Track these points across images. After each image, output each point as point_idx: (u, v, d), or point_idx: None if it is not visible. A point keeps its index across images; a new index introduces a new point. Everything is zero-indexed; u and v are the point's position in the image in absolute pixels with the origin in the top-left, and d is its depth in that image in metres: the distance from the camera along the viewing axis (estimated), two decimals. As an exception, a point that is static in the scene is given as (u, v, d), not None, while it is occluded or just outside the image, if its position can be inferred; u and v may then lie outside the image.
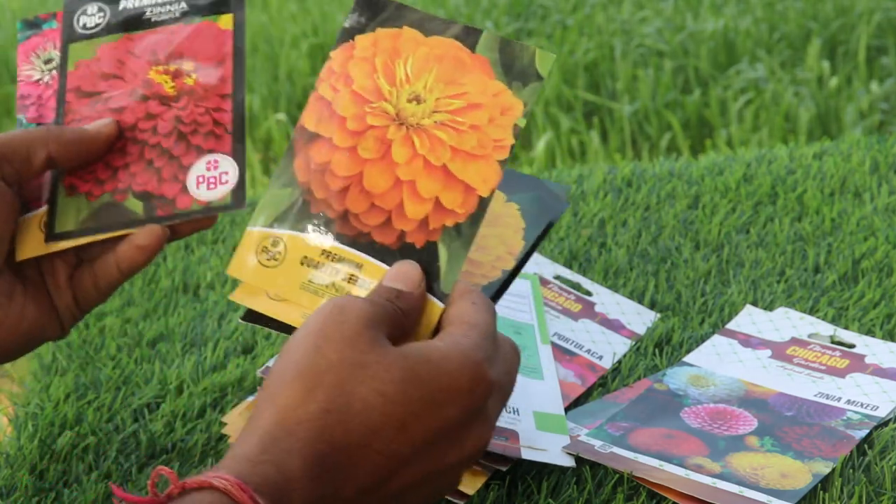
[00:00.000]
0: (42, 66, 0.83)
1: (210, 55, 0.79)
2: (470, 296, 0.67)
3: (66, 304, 0.76)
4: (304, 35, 3.34)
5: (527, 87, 0.71)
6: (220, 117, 0.78)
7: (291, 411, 0.59)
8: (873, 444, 0.77)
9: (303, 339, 0.62)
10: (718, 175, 1.17)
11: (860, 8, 3.05)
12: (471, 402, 0.62)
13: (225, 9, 0.81)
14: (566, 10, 3.30)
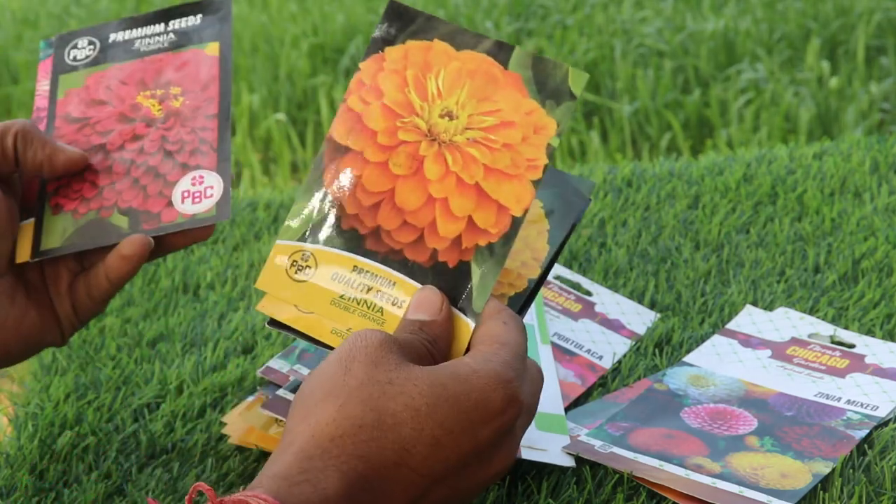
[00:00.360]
0: None
1: (197, 80, 0.81)
2: (501, 315, 0.67)
3: (65, 312, 0.76)
4: (304, 35, 3.34)
5: (560, 105, 0.69)
6: (207, 136, 0.79)
7: (324, 428, 0.60)
8: (873, 444, 0.77)
9: (330, 363, 0.62)
10: (718, 175, 1.17)
11: (860, 8, 3.05)
12: (503, 422, 0.63)
13: (211, 38, 0.83)
14: (566, 10, 3.30)
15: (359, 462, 0.59)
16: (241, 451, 0.80)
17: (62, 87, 0.84)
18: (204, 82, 0.81)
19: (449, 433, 0.61)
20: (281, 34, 3.35)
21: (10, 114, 3.29)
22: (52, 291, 0.77)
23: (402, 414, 0.60)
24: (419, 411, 0.60)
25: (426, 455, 0.60)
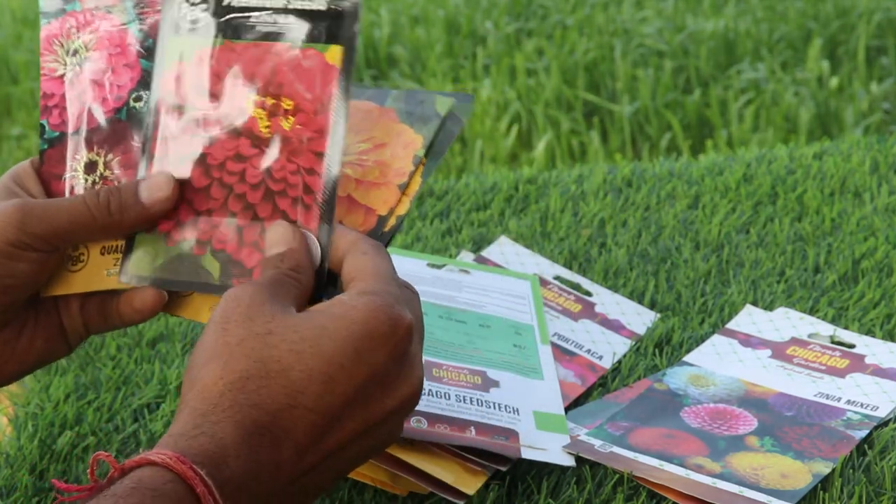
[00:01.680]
0: (66, 58, 0.75)
1: (311, 95, 0.71)
2: (359, 245, 0.68)
3: (75, 328, 0.74)
4: (305, 35, 3.34)
5: (427, 125, 0.75)
6: (312, 182, 0.70)
7: (212, 386, 0.60)
8: (873, 444, 0.77)
9: (208, 331, 0.63)
10: (718, 175, 1.17)
11: (860, 8, 3.05)
12: (395, 344, 0.63)
13: (334, 39, 0.72)
14: (566, 10, 3.30)
15: (252, 410, 0.60)
16: (241, 451, 0.80)
17: (170, 55, 0.73)
18: (318, 103, 0.71)
19: (340, 367, 0.61)
20: (281, 34, 3.35)
21: (10, 114, 3.29)
22: (63, 311, 0.74)
23: (288, 358, 0.61)
24: (303, 353, 0.61)
25: (320, 393, 0.61)
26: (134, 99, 0.74)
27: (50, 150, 0.75)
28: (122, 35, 0.75)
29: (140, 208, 0.71)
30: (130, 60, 0.74)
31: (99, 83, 0.75)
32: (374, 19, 3.39)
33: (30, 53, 3.42)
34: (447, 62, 3.11)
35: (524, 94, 2.93)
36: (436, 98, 0.76)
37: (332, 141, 0.71)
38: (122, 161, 0.74)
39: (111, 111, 0.74)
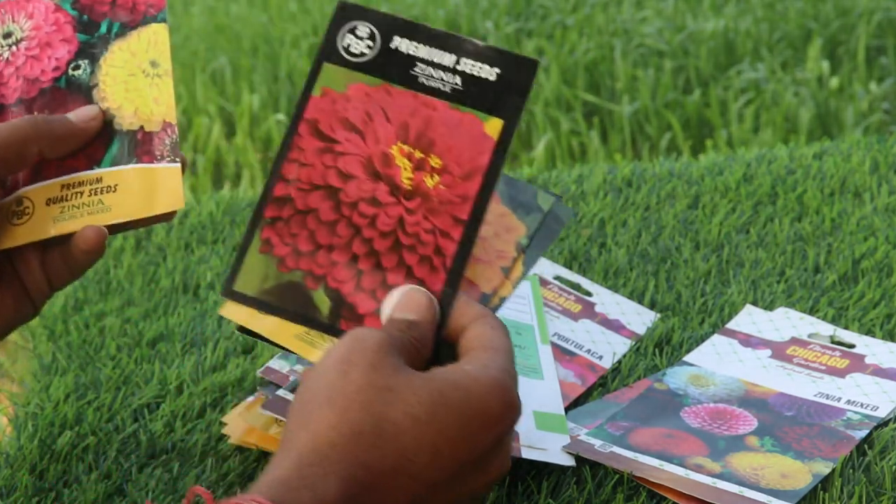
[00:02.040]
0: (1, 41, 0.82)
1: (462, 160, 0.70)
2: (487, 319, 0.66)
3: (37, 286, 0.76)
4: (304, 35, 3.34)
5: (529, 215, 0.75)
6: (445, 245, 0.69)
7: (324, 434, 0.59)
8: (873, 444, 0.77)
9: (328, 367, 0.62)
10: (718, 175, 1.17)
11: (860, 8, 3.05)
12: (502, 428, 0.62)
13: (497, 111, 0.70)
14: (566, 10, 3.30)
15: (359, 469, 0.59)
16: (241, 451, 0.80)
17: (322, 79, 0.71)
18: (468, 170, 0.69)
19: (449, 441, 0.61)
20: (281, 34, 3.35)
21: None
22: (22, 270, 0.76)
23: (403, 422, 0.60)
24: (419, 419, 0.60)
25: (426, 463, 0.60)
26: (73, 68, 0.80)
27: None
28: (57, 16, 0.81)
29: (69, 124, 0.76)
30: (67, 35, 0.80)
31: (37, 58, 0.80)
32: (374, 19, 3.39)
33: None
34: (447, 62, 3.10)
35: (524, 94, 2.93)
36: (538, 192, 0.76)
37: (475, 210, 0.69)
38: None
39: (50, 80, 0.80)
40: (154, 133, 0.77)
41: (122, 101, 0.78)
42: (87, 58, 0.80)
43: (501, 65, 0.70)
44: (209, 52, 3.30)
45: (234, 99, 3.12)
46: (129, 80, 0.79)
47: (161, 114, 0.78)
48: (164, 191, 0.76)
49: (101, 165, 0.78)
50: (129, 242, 1.12)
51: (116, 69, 0.79)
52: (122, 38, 0.80)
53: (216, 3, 3.65)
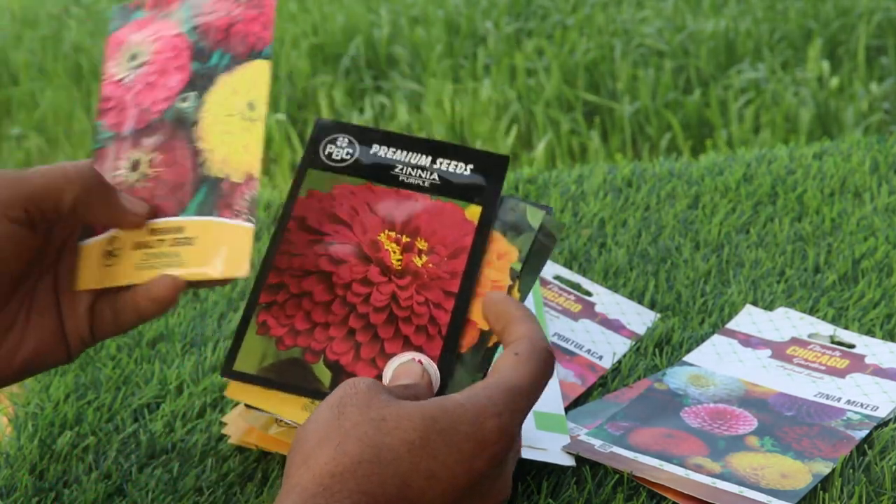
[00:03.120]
0: (126, 62, 0.77)
1: (447, 241, 0.74)
2: (516, 346, 0.67)
3: (79, 331, 0.73)
4: (304, 35, 3.34)
5: (520, 235, 0.75)
6: (439, 316, 0.72)
7: (324, 467, 0.60)
8: (873, 444, 0.77)
9: (323, 410, 0.63)
10: (718, 175, 1.17)
11: (860, 8, 3.05)
12: (495, 452, 0.63)
13: (477, 199, 0.75)
14: (566, 11, 3.30)
15: (361, 497, 0.59)
16: (241, 451, 0.80)
17: (307, 183, 0.76)
18: (453, 250, 0.73)
19: (443, 466, 0.61)
20: (281, 34, 3.35)
21: (10, 114, 3.29)
22: (67, 312, 0.73)
23: (399, 448, 0.61)
24: (414, 444, 0.61)
25: (424, 488, 0.61)
26: (181, 99, 0.75)
27: (101, 149, 0.76)
28: (177, 39, 0.77)
29: (113, 201, 0.71)
30: (181, 63, 0.76)
31: (151, 84, 0.76)
32: (374, 19, 3.39)
33: (30, 54, 3.42)
34: (447, 62, 3.11)
35: (524, 94, 2.93)
36: (526, 208, 0.75)
37: (465, 283, 0.73)
38: (164, 160, 0.75)
39: (159, 112, 0.76)
40: (237, 185, 0.73)
41: (216, 144, 0.74)
42: (196, 90, 0.75)
43: (475, 161, 0.76)
44: (209, 52, 3.30)
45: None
46: (225, 121, 0.74)
47: (247, 164, 0.73)
48: (232, 252, 0.72)
49: (186, 212, 0.73)
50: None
51: (217, 106, 0.75)
52: (228, 71, 0.75)
53: (216, 3, 3.65)
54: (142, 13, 0.78)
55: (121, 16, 0.78)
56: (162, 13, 0.78)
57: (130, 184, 0.75)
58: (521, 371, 0.66)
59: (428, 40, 3.21)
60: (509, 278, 0.73)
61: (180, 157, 0.75)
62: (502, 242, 0.74)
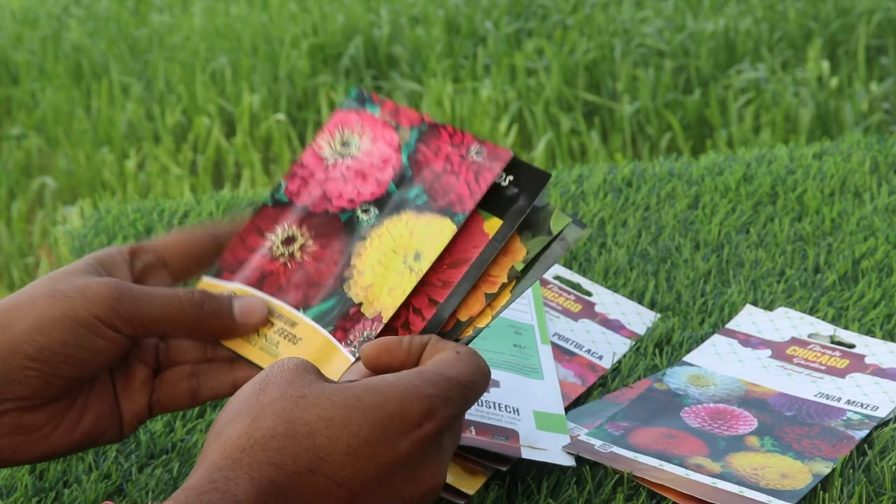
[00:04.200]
0: (337, 146, 0.77)
1: (453, 251, 0.73)
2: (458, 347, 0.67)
3: (134, 407, 0.71)
4: (304, 35, 3.34)
5: (535, 237, 0.72)
6: (414, 322, 0.72)
7: (235, 441, 0.59)
8: (873, 444, 0.77)
9: (246, 387, 0.63)
10: (718, 175, 1.17)
11: (860, 8, 3.05)
12: (423, 434, 0.62)
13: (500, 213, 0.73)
14: (566, 10, 3.30)
15: (271, 469, 0.58)
16: (241, 451, 0.80)
17: None
18: (456, 258, 0.72)
19: (365, 443, 0.60)
20: (281, 34, 3.35)
21: (10, 114, 3.28)
22: (121, 387, 0.71)
23: (316, 423, 0.60)
24: (333, 421, 0.60)
25: (342, 463, 0.60)
26: (362, 210, 0.75)
27: (271, 207, 0.76)
28: (392, 154, 0.76)
29: (229, 321, 0.71)
30: (383, 178, 0.75)
31: (346, 180, 0.76)
32: (374, 19, 3.39)
33: (29, 54, 3.42)
34: (447, 62, 3.11)
35: (524, 93, 2.93)
36: (553, 212, 0.73)
37: (452, 296, 0.72)
38: (316, 253, 0.75)
39: (339, 209, 0.76)
40: (364, 319, 0.72)
41: (368, 269, 0.74)
42: (380, 209, 0.75)
43: (515, 173, 0.73)
44: (209, 52, 3.30)
45: (234, 99, 3.12)
46: (387, 255, 0.73)
47: (383, 306, 0.72)
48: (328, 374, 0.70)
49: (307, 313, 0.73)
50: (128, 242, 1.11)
51: (389, 238, 0.74)
52: (417, 212, 0.74)
53: (216, 4, 3.65)
54: (377, 110, 0.77)
55: (357, 98, 0.78)
56: (393, 122, 0.77)
57: (274, 255, 0.75)
58: (459, 366, 0.65)
59: (428, 40, 3.21)
60: (506, 276, 0.72)
61: (330, 259, 0.74)
62: (514, 240, 0.73)
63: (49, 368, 0.66)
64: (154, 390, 0.72)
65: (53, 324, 0.66)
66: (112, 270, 0.71)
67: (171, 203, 1.19)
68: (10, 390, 0.66)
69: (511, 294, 0.72)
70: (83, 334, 0.66)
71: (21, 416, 0.67)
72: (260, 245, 0.75)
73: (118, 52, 3.36)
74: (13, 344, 0.65)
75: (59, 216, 2.47)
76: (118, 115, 3.02)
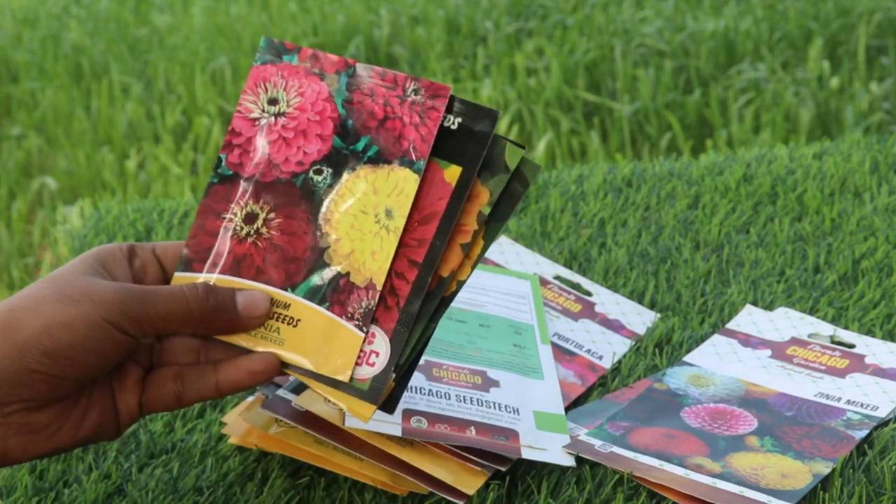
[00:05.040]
0: (264, 104, 0.74)
1: (421, 205, 0.71)
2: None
3: (128, 407, 0.72)
4: (304, 35, 3.34)
5: (494, 177, 0.71)
6: (400, 286, 0.70)
7: None
8: (873, 444, 0.77)
9: None
10: (718, 175, 1.17)
11: (861, 8, 3.05)
12: None
13: (457, 159, 0.72)
14: (566, 10, 3.30)
15: None
16: (241, 451, 0.80)
17: None
18: (425, 214, 0.71)
19: None
20: (281, 34, 3.35)
21: (10, 113, 3.28)
22: (117, 386, 0.72)
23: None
24: None
25: None
26: (315, 171, 0.73)
27: (218, 185, 0.74)
28: (326, 105, 0.73)
29: (234, 316, 0.71)
30: (325, 133, 0.73)
31: (288, 142, 0.73)
32: (374, 19, 3.39)
33: (29, 54, 3.42)
34: (447, 62, 3.11)
35: (524, 93, 2.93)
36: (506, 146, 0.71)
37: (430, 253, 0.70)
38: (282, 225, 0.72)
39: (289, 174, 0.73)
40: (356, 287, 0.71)
41: (343, 235, 0.72)
42: (332, 167, 0.73)
43: (463, 114, 0.72)
44: (209, 51, 3.30)
45: (234, 99, 3.12)
46: (357, 217, 0.72)
47: (371, 271, 0.71)
48: (337, 354, 0.70)
49: (296, 292, 0.72)
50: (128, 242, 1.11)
51: (352, 196, 0.72)
52: (372, 165, 0.72)
53: (216, 3, 3.65)
54: (294, 59, 0.74)
55: (271, 51, 0.75)
56: (315, 69, 0.74)
57: (241, 237, 0.73)
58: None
59: (428, 40, 3.21)
60: (476, 223, 0.71)
61: (299, 230, 0.72)
62: (475, 184, 0.71)
63: (56, 371, 0.66)
64: (143, 391, 0.72)
65: (63, 328, 0.66)
66: (112, 269, 0.71)
67: (172, 203, 1.19)
68: (18, 392, 0.66)
69: (484, 241, 0.71)
70: (93, 337, 0.67)
71: (28, 416, 0.67)
72: (220, 227, 0.73)
73: (118, 52, 3.36)
74: (21, 347, 0.66)
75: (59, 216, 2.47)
76: (118, 114, 3.02)
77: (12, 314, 0.67)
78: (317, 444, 0.76)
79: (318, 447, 0.76)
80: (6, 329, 0.66)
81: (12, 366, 0.66)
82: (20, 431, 0.67)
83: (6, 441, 0.67)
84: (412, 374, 0.71)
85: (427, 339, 0.71)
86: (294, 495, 0.75)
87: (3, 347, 0.66)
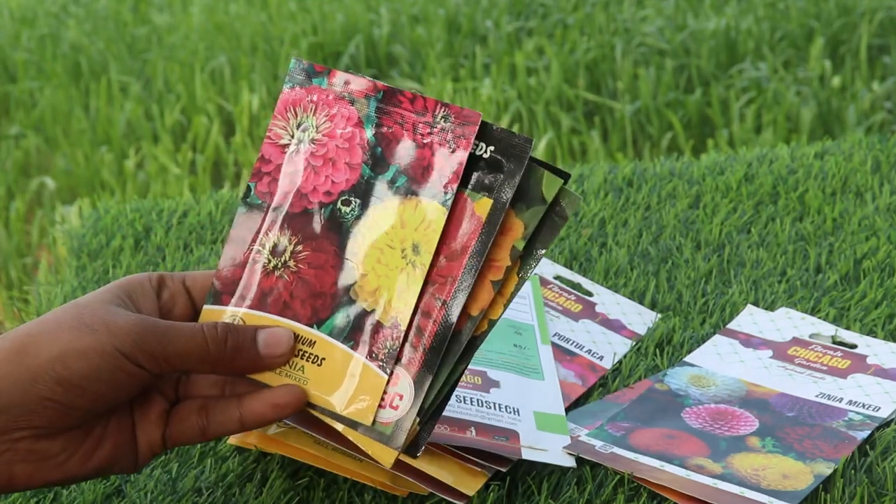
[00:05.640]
0: (294, 129, 0.72)
1: (448, 241, 0.68)
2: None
3: (150, 439, 0.70)
4: (304, 34, 3.34)
5: (530, 209, 0.68)
6: (424, 325, 0.68)
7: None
8: (875, 444, 0.77)
9: None
10: (719, 175, 1.17)
11: (862, 7, 3.05)
12: None
13: (488, 190, 0.68)
14: (567, 9, 3.30)
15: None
16: (240, 451, 0.80)
17: None
18: (453, 250, 0.68)
19: None
20: (281, 34, 3.35)
21: (8, 113, 3.28)
22: (139, 418, 0.70)
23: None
24: None
25: None
26: (342, 202, 0.70)
27: (246, 213, 0.72)
28: (355, 132, 0.71)
29: (254, 355, 0.69)
30: (354, 161, 0.71)
31: (316, 170, 0.71)
32: (373, 18, 3.39)
33: (27, 53, 3.42)
34: (447, 61, 3.11)
35: (525, 93, 2.93)
36: (543, 175, 0.68)
37: (458, 291, 0.67)
38: (309, 258, 0.70)
39: (317, 204, 0.71)
40: (382, 326, 0.68)
41: (369, 270, 0.69)
42: (360, 197, 0.70)
43: (496, 141, 0.69)
44: (208, 50, 3.30)
45: (233, 98, 3.12)
46: (385, 251, 0.69)
47: (397, 310, 0.68)
48: (360, 396, 0.68)
49: (321, 329, 0.70)
50: (127, 242, 1.11)
51: (379, 230, 0.69)
52: (401, 196, 0.69)
53: (215, 2, 3.65)
54: (324, 82, 0.72)
55: (301, 74, 0.73)
56: (345, 93, 0.71)
57: (269, 269, 0.71)
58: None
59: (428, 39, 3.20)
60: (509, 258, 0.68)
61: (326, 263, 0.70)
62: (509, 216, 0.68)
63: (67, 400, 0.65)
64: (167, 424, 0.71)
65: (77, 356, 0.65)
66: (139, 300, 0.70)
67: (171, 203, 1.19)
68: (27, 419, 0.65)
69: (518, 277, 0.68)
70: (106, 368, 0.66)
71: (37, 443, 0.66)
72: (248, 258, 0.71)
73: (117, 51, 3.36)
74: (35, 373, 0.65)
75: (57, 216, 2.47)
76: (117, 114, 3.02)
77: (30, 338, 0.66)
78: (316, 444, 0.75)
79: (318, 448, 0.75)
80: (21, 353, 0.65)
81: (24, 392, 0.65)
82: (27, 458, 0.66)
83: (12, 467, 0.66)
84: (440, 416, 0.69)
85: (455, 382, 0.68)
86: (293, 496, 0.75)
87: (17, 372, 0.65)
